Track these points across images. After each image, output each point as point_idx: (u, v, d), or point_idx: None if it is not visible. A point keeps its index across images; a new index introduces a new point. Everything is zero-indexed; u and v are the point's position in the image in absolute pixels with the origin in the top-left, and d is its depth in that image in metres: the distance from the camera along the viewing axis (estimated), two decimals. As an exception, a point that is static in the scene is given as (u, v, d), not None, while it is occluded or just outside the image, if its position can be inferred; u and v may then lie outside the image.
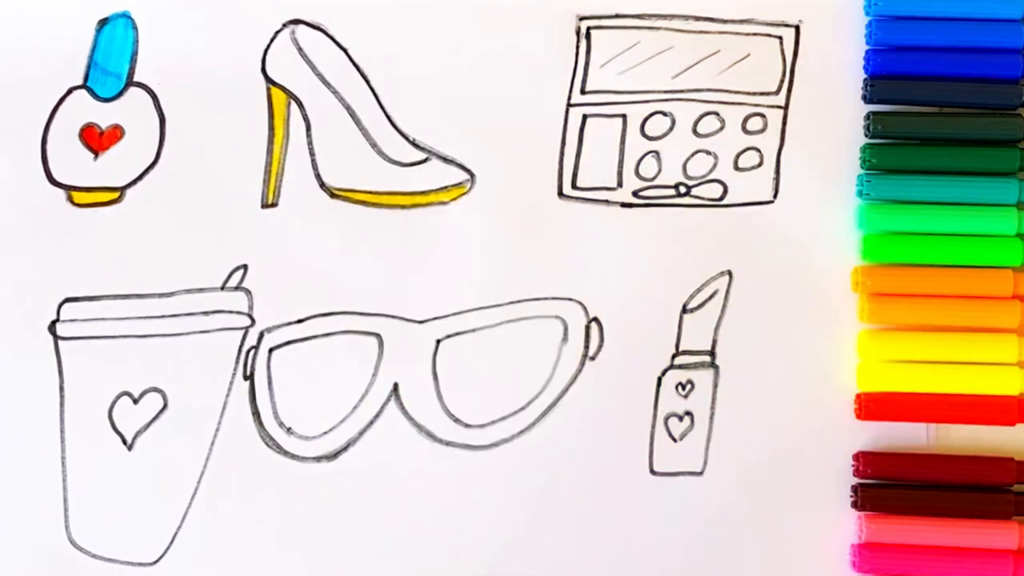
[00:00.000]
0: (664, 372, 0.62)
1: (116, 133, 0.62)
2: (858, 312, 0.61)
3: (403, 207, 0.62)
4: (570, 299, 0.62)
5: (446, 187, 0.62)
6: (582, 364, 0.62)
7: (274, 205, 0.62)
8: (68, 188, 0.62)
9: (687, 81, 0.62)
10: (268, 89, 0.62)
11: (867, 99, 0.61)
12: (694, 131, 0.62)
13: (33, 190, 0.62)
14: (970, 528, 0.61)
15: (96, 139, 0.62)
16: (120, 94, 0.62)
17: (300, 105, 0.62)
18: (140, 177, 0.62)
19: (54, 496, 0.61)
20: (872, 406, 0.61)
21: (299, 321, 0.62)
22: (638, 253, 0.62)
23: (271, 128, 0.62)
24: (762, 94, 0.62)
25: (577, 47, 0.62)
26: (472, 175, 0.62)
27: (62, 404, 0.62)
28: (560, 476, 0.61)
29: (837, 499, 0.61)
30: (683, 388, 0.62)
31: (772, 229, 0.62)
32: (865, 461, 0.61)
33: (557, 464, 0.61)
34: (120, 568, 0.62)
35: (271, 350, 0.62)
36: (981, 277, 0.61)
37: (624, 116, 0.62)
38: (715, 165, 0.62)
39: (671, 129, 0.62)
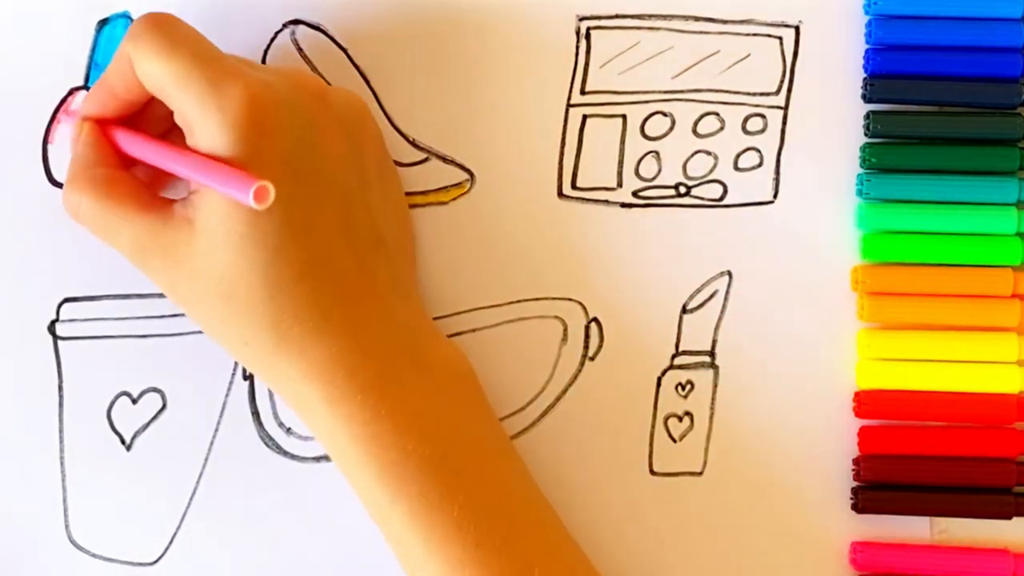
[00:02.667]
0: (664, 372, 0.62)
1: (116, 133, 0.62)
2: (857, 311, 0.61)
3: (403, 207, 0.62)
4: (570, 299, 0.62)
5: (446, 187, 0.62)
6: (582, 364, 0.62)
7: (274, 205, 0.62)
8: (68, 188, 0.62)
9: (687, 81, 0.62)
10: (268, 89, 0.62)
11: (867, 98, 0.61)
12: (694, 131, 0.62)
13: (33, 190, 0.62)
14: (970, 528, 0.61)
15: (96, 139, 0.62)
16: (120, 94, 0.62)
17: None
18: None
19: (53, 496, 0.61)
20: (871, 404, 0.61)
21: (299, 321, 0.62)
22: (638, 253, 0.62)
23: (271, 128, 0.62)
24: (762, 94, 0.62)
25: (577, 47, 0.62)
26: (472, 175, 0.62)
27: (61, 404, 0.62)
28: (560, 476, 0.61)
29: (837, 499, 0.61)
30: (683, 388, 0.62)
31: (772, 229, 0.62)
32: (865, 465, 0.61)
33: (557, 464, 0.61)
34: (120, 568, 0.62)
35: (271, 350, 0.62)
36: (980, 276, 0.61)
37: (624, 116, 0.62)
38: (715, 165, 0.62)
39: (671, 129, 0.62)
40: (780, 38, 0.62)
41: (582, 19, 0.62)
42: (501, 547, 0.55)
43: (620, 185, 0.62)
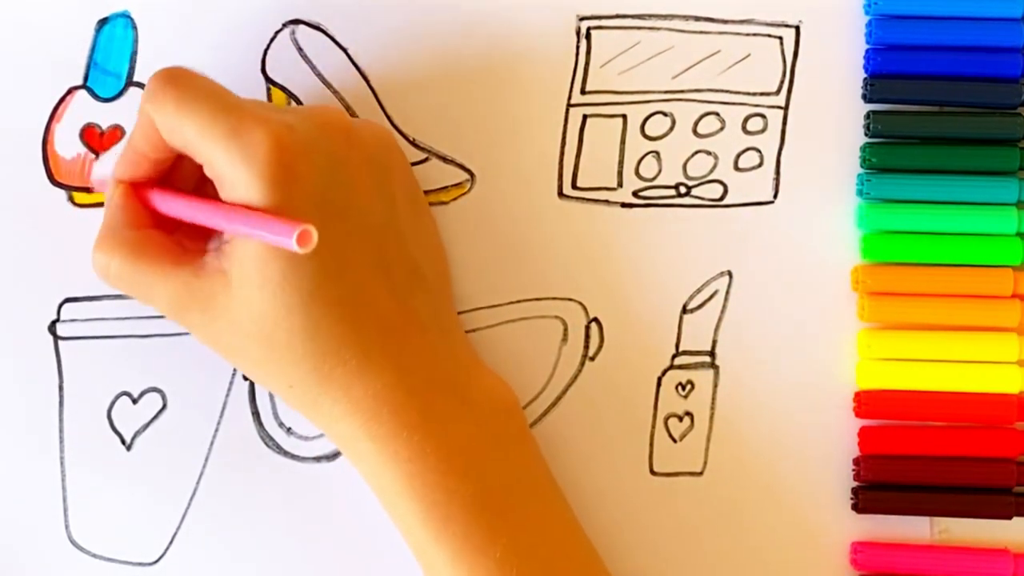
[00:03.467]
0: (664, 372, 0.62)
1: (117, 133, 0.62)
2: (858, 311, 0.61)
3: (403, 207, 0.62)
4: (570, 299, 0.62)
5: (446, 187, 0.62)
6: (582, 364, 0.62)
7: (274, 205, 0.62)
8: (69, 188, 0.62)
9: (687, 81, 0.62)
10: (268, 89, 0.62)
11: (867, 98, 0.61)
12: (694, 131, 0.62)
13: (34, 190, 0.62)
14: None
15: (97, 139, 0.62)
16: (120, 94, 0.62)
17: (300, 105, 0.62)
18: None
19: (54, 496, 0.61)
20: (871, 404, 0.61)
21: (299, 321, 0.62)
22: (638, 253, 0.62)
23: (271, 128, 0.62)
24: (762, 94, 0.62)
25: (577, 47, 0.62)
26: (472, 175, 0.62)
27: (61, 404, 0.62)
28: (560, 476, 0.61)
29: (837, 499, 0.61)
30: (683, 388, 0.62)
31: (772, 229, 0.62)
32: (865, 465, 0.61)
33: (557, 464, 0.61)
34: (120, 568, 0.62)
35: (271, 350, 0.62)
36: (981, 276, 0.61)
37: (624, 116, 0.62)
38: (715, 165, 0.62)
39: (671, 129, 0.62)
40: (780, 38, 0.62)
41: (582, 19, 0.62)
42: None
43: (620, 185, 0.62)
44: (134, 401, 0.62)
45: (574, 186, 0.62)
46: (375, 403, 0.55)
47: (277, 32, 0.62)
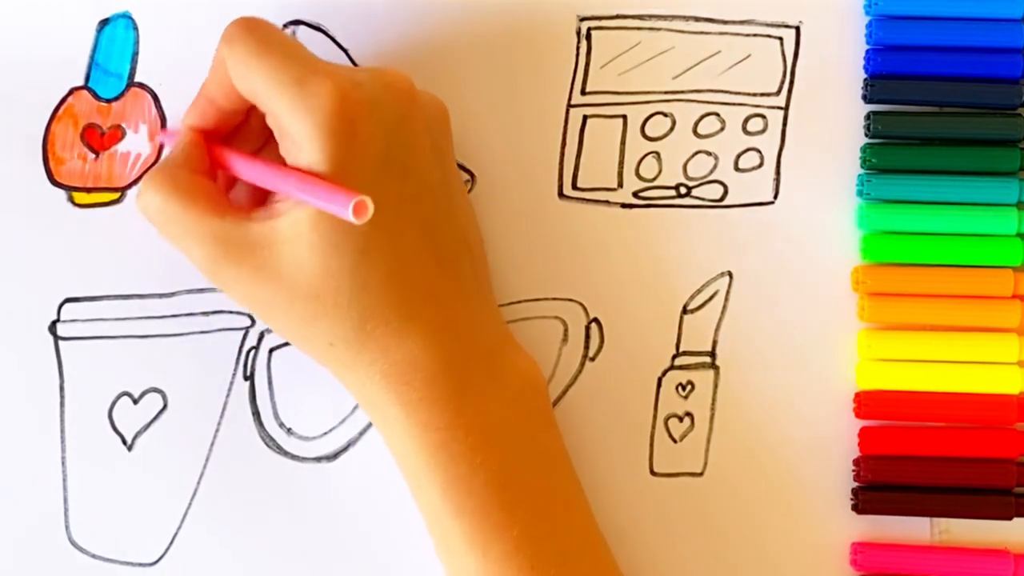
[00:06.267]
0: (664, 373, 0.62)
1: (117, 134, 0.62)
2: (858, 311, 0.61)
3: (403, 207, 0.62)
4: (570, 299, 0.62)
5: (446, 187, 0.62)
6: (582, 365, 0.62)
7: (274, 205, 0.62)
8: (69, 188, 0.62)
9: (687, 82, 0.62)
10: (268, 89, 0.62)
11: (867, 99, 0.61)
12: (694, 132, 0.62)
13: (34, 190, 0.62)
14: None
15: (98, 140, 0.62)
16: (122, 95, 0.62)
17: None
18: (141, 177, 0.62)
19: (54, 496, 0.61)
20: (871, 405, 0.61)
21: (299, 321, 0.62)
22: (638, 253, 0.62)
23: (271, 128, 0.62)
24: (762, 95, 0.62)
25: (577, 47, 0.62)
26: (472, 175, 0.62)
27: (62, 404, 0.62)
28: (560, 476, 0.61)
29: (837, 499, 0.61)
30: (683, 388, 0.62)
31: (772, 229, 0.62)
32: (865, 466, 0.61)
33: (557, 464, 0.61)
34: (120, 568, 0.62)
35: (271, 350, 0.62)
36: (981, 277, 0.61)
37: (624, 117, 0.62)
38: (715, 166, 0.62)
39: (671, 130, 0.62)
40: (780, 38, 0.62)
41: (582, 19, 0.62)
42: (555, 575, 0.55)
43: (620, 185, 0.62)
44: (135, 401, 0.62)
45: (574, 186, 0.62)
46: (411, 369, 0.55)
47: (277, 32, 0.62)
